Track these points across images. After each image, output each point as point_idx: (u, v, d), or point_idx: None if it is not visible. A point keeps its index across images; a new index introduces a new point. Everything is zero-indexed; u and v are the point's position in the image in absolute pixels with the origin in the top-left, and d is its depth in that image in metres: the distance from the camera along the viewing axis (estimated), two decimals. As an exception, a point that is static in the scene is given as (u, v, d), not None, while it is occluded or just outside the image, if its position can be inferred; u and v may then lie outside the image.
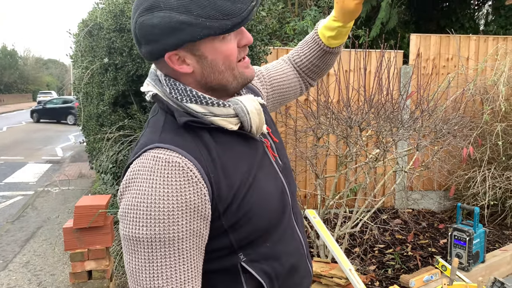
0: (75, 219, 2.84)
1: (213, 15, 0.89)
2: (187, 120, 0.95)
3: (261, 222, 0.99)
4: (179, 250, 0.88)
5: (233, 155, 0.98)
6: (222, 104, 0.98)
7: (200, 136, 0.96)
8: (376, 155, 3.48)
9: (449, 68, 5.11)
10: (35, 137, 16.03)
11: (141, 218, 0.87)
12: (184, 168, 0.89)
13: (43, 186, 7.99)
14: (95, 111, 4.77)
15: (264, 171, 1.04)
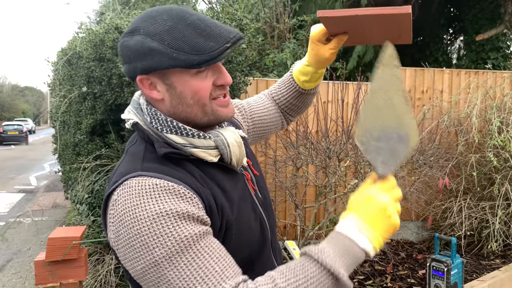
0: (48, 252, 2.74)
1: (182, 48, 0.91)
2: (167, 151, 0.95)
3: (242, 254, 0.98)
4: (199, 251, 0.86)
5: (214, 184, 0.98)
6: (202, 136, 0.98)
7: (183, 165, 0.96)
8: (354, 185, 3.50)
9: (424, 100, 5.25)
10: (8, 165, 15.62)
11: (149, 243, 0.84)
12: (173, 188, 0.88)
13: (15, 216, 7.72)
14: (72, 140, 4.69)
15: (246, 203, 1.04)
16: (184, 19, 0.93)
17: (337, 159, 3.34)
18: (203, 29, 0.93)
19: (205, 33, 0.93)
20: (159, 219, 0.84)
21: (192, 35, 0.92)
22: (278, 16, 6.41)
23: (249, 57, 3.90)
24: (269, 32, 6.55)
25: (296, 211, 3.59)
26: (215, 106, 1.00)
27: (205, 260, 0.86)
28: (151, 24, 0.93)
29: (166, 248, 0.83)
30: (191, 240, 0.85)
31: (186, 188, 0.89)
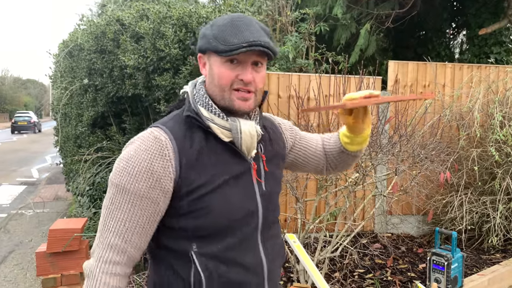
0: (49, 243, 2.76)
1: (217, 38, 1.15)
2: (189, 114, 1.19)
3: (216, 222, 1.16)
4: (133, 204, 1.11)
5: (214, 158, 1.18)
6: (222, 116, 1.18)
7: (194, 131, 1.19)
8: (355, 179, 3.50)
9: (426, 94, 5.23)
10: (10, 158, 15.66)
11: (119, 169, 1.12)
12: (162, 143, 1.13)
13: (16, 208, 7.76)
14: (73, 132, 4.70)
15: (238, 184, 1.20)
16: (232, 20, 1.17)
17: (338, 153, 3.34)
18: (237, 29, 1.14)
19: (236, 32, 1.13)
20: (134, 162, 1.12)
21: (227, 31, 1.14)
22: (280, 9, 6.38)
23: (251, 50, 3.88)
24: (271, 25, 6.52)
25: (297, 204, 3.60)
26: (233, 95, 1.19)
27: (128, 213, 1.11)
28: (216, 19, 1.20)
29: (120, 181, 1.12)
30: (135, 193, 1.10)
31: (171, 148, 1.13)
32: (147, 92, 3.59)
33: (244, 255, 1.19)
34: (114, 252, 1.11)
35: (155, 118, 3.81)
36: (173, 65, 3.41)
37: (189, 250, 1.15)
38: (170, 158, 1.12)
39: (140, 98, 3.79)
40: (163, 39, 3.30)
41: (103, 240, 1.12)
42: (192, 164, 1.14)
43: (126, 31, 3.61)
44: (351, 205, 3.92)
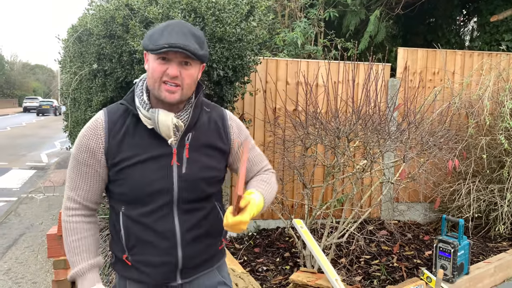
0: (60, 226, 2.80)
1: (151, 38, 1.38)
2: (121, 102, 1.47)
3: (133, 192, 1.43)
4: (79, 168, 1.46)
5: (138, 140, 1.44)
6: (145, 108, 1.44)
7: (127, 115, 1.47)
8: (363, 166, 3.51)
9: (435, 81, 5.20)
10: (19, 143, 15.81)
11: (75, 143, 1.49)
12: (98, 124, 1.45)
13: (27, 192, 7.86)
14: (83, 117, 4.73)
15: (156, 163, 1.44)
16: (167, 25, 1.40)
17: (346, 139, 3.34)
18: (166, 32, 1.36)
19: (164, 35, 1.36)
20: (80, 140, 1.47)
21: (158, 33, 1.37)
22: (289, -5, 6.32)
23: (260, 35, 3.87)
24: (280, 10, 6.48)
25: (304, 190, 3.62)
26: (161, 87, 1.40)
27: (76, 174, 1.46)
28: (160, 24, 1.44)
29: (74, 152, 1.48)
30: (80, 161, 1.45)
31: (103, 128, 1.44)
32: (156, 77, 3.61)
33: (155, 222, 1.45)
34: (71, 202, 1.48)
35: (163, 103, 3.84)
36: (182, 51, 3.41)
37: (120, 210, 1.48)
38: (101, 136, 1.44)
39: (149, 84, 3.81)
40: (172, 24, 3.30)
41: (65, 194, 1.50)
42: (117, 142, 1.44)
43: (135, 16, 3.61)
44: (359, 192, 3.93)
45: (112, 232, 1.54)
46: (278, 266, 3.84)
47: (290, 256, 4.05)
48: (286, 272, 3.71)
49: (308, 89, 3.68)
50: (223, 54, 3.46)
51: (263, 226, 4.84)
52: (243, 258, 3.98)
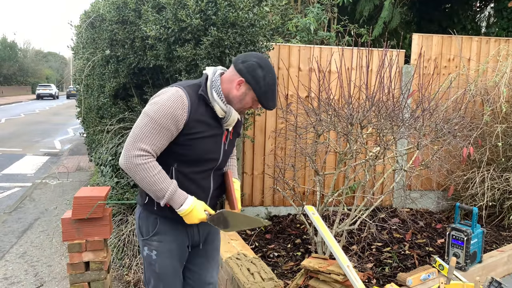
0: (74, 210, 2.83)
1: (265, 96, 1.88)
2: (202, 94, 1.88)
3: (193, 156, 1.89)
4: (158, 129, 1.79)
5: (207, 121, 1.89)
6: (225, 104, 1.90)
7: (200, 102, 1.88)
8: (376, 153, 3.48)
9: (450, 68, 5.11)
10: (33, 130, 15.99)
11: (155, 108, 1.79)
12: (184, 100, 1.82)
13: (41, 178, 7.97)
14: (96, 103, 4.76)
15: (213, 139, 1.94)
16: (272, 85, 1.90)
17: (359, 126, 3.31)
18: (273, 96, 1.91)
19: (272, 99, 1.91)
20: (165, 107, 1.79)
21: (270, 95, 1.90)
22: (302, -20, 6.25)
23: (272, 21, 3.83)
24: (293, -4, 6.41)
25: (316, 177, 3.60)
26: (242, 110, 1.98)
27: (154, 133, 1.79)
28: (267, 71, 1.87)
29: (154, 115, 1.79)
30: (160, 123, 1.78)
31: (187, 104, 1.82)
32: (168, 63, 3.59)
33: (202, 179, 1.97)
34: (143, 151, 1.80)
35: (176, 89, 3.84)
36: (194, 36, 3.39)
37: (172, 166, 1.91)
38: (186, 111, 1.81)
39: (161, 70, 3.80)
40: (185, 9, 3.28)
41: (134, 146, 1.79)
42: (194, 119, 1.84)
43: (147, 1, 3.59)
44: (371, 179, 3.91)
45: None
46: (290, 252, 3.86)
47: (301, 243, 4.06)
48: (297, 258, 3.72)
49: (321, 75, 3.64)
50: (236, 39, 3.44)
51: (274, 212, 4.85)
52: (254, 244, 4.00)
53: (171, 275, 2.02)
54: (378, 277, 3.39)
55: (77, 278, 2.89)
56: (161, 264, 2.00)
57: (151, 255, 2.01)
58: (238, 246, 3.19)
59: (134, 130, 1.82)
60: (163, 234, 1.98)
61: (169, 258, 2.00)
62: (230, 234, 3.45)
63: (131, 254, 3.75)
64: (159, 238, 1.99)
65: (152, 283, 2.06)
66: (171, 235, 1.98)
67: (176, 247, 2.00)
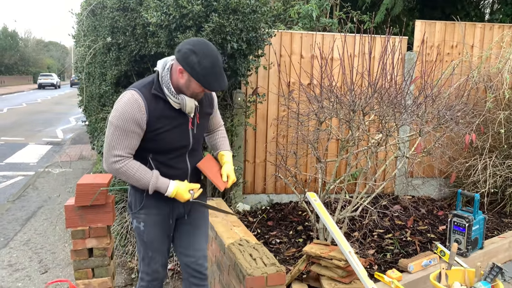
0: (77, 197, 2.84)
1: (204, 79, 1.94)
2: (155, 92, 2.02)
3: (164, 147, 2.10)
4: (127, 135, 1.99)
5: (168, 115, 2.05)
6: (175, 97, 2.03)
7: (157, 99, 2.03)
8: (378, 140, 3.48)
9: (453, 55, 5.08)
10: (35, 119, 16.01)
11: (117, 116, 1.97)
12: (140, 103, 1.97)
13: (43, 167, 8.01)
14: (97, 91, 4.75)
15: (178, 129, 2.11)
16: (213, 67, 1.95)
17: (361, 113, 3.31)
18: (216, 77, 1.96)
19: (216, 80, 1.96)
20: (123, 112, 1.96)
21: (211, 77, 1.96)
22: (304, -34, 6.19)
23: (274, 7, 3.81)
24: (295, -18, 6.35)
25: (318, 164, 3.61)
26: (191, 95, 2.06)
27: (122, 139, 1.99)
28: (200, 54, 1.93)
29: (117, 122, 1.97)
30: (125, 129, 1.97)
31: (144, 105, 1.98)
32: (169, 50, 3.58)
33: (177, 163, 2.17)
34: (117, 157, 2.02)
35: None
36: (196, 22, 3.37)
37: (148, 157, 2.12)
38: (144, 112, 1.98)
39: (163, 57, 3.78)
40: (186, -5, 3.26)
41: (107, 154, 2.03)
42: (154, 117, 2.01)
43: (148, -12, 3.57)
44: (373, 166, 3.91)
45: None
46: (291, 239, 3.88)
47: (303, 230, 4.08)
48: (299, 245, 3.74)
49: (323, 62, 3.62)
50: (237, 26, 3.42)
51: (276, 200, 4.87)
52: (256, 231, 4.02)
53: (157, 243, 2.27)
54: (380, 263, 3.41)
55: (81, 264, 2.92)
56: (148, 234, 2.25)
57: (139, 226, 2.27)
58: (240, 232, 3.20)
59: (106, 139, 2.03)
60: (149, 208, 2.21)
61: (154, 228, 2.24)
62: (233, 221, 3.47)
63: (134, 241, 3.77)
64: (145, 212, 2.22)
65: (142, 251, 2.33)
66: (156, 209, 2.20)
67: (160, 219, 2.23)
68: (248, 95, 4.41)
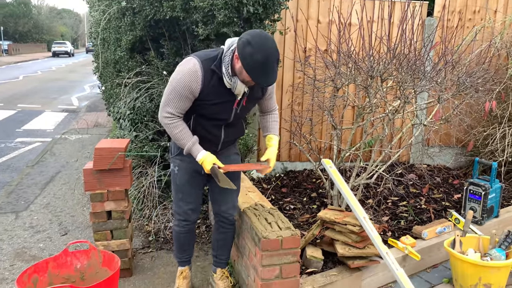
0: (95, 161, 2.89)
1: (253, 72, 2.09)
2: (213, 68, 2.23)
3: (207, 114, 2.38)
4: (179, 97, 2.26)
5: (219, 90, 2.27)
6: (229, 78, 2.23)
7: (213, 74, 2.24)
8: (396, 107, 3.43)
9: (475, 21, 4.93)
10: (50, 87, 16.13)
11: (176, 80, 2.24)
12: (198, 74, 2.20)
13: (60, 133, 8.12)
14: (112, 57, 4.74)
15: (223, 105, 2.34)
16: (265, 63, 2.08)
17: (379, 79, 3.25)
18: (266, 73, 2.10)
19: (265, 76, 2.10)
20: (182, 78, 2.22)
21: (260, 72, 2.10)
22: None
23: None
24: None
25: (334, 131, 3.59)
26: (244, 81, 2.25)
27: (175, 99, 2.27)
28: (255, 47, 2.06)
29: (175, 84, 2.25)
30: (180, 92, 2.24)
31: (201, 75, 2.21)
32: (184, 14, 3.53)
33: (213, 129, 2.45)
34: (169, 114, 2.30)
35: (192, 42, 3.77)
36: (211, -14, 3.31)
37: (192, 115, 2.40)
38: (199, 83, 2.21)
39: (178, 21, 3.73)
40: (201, -43, 3.19)
41: (162, 110, 2.31)
42: (207, 89, 2.24)
43: (162, -51, 3.49)
44: (389, 133, 3.88)
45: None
46: (305, 205, 3.91)
47: (317, 196, 4.11)
48: (313, 211, 3.77)
49: (341, 27, 3.54)
50: (254, -11, 3.35)
51: (290, 168, 4.88)
52: (270, 197, 4.06)
53: (187, 187, 2.58)
54: (394, 229, 3.43)
55: (100, 226, 2.99)
56: (180, 178, 2.57)
57: (174, 169, 2.60)
58: (255, 197, 3.24)
59: (164, 94, 2.30)
60: (183, 156, 2.49)
61: (186, 174, 2.55)
62: (248, 187, 3.50)
63: (151, 205, 3.84)
64: (180, 158, 2.53)
65: (174, 193, 2.66)
66: (189, 157, 2.46)
67: (192, 167, 2.51)
68: (264, 62, 4.35)
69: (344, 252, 2.77)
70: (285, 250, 2.40)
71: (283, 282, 2.44)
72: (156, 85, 3.98)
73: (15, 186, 5.08)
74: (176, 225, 2.72)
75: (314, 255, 2.83)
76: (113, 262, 2.62)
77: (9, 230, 3.86)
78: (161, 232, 3.65)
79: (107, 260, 2.67)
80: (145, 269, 3.19)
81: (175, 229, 2.74)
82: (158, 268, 3.20)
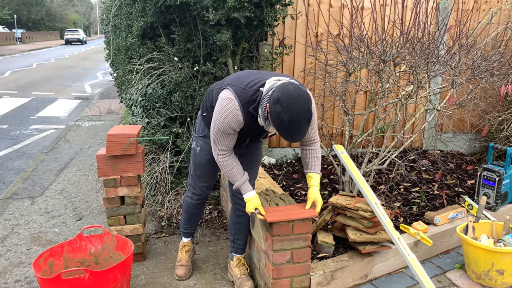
0: (108, 147, 2.91)
1: (281, 129, 2.08)
2: (250, 111, 2.26)
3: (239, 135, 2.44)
4: (225, 136, 2.31)
5: (257, 126, 2.33)
6: (263, 121, 2.26)
7: (253, 116, 2.29)
8: (409, 91, 3.39)
9: (491, 3, 4.82)
10: (63, 74, 16.25)
11: (220, 121, 2.27)
12: (239, 117, 2.25)
13: (74, 120, 8.20)
14: (124, 44, 4.75)
15: (256, 131, 2.40)
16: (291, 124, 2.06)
17: (392, 64, 3.21)
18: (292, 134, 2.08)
19: (290, 136, 2.09)
20: (225, 120, 2.25)
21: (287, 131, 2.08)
22: None
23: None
24: None
25: (346, 116, 3.56)
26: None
27: (224, 139, 2.33)
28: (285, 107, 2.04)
29: (219, 126, 2.28)
30: (226, 132, 2.29)
31: (241, 117, 2.25)
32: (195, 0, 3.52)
33: (242, 136, 2.47)
34: (221, 151, 2.37)
35: (203, 28, 3.76)
36: (222, -30, 3.28)
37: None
38: (241, 124, 2.28)
39: (188, 7, 3.72)
40: None
41: (215, 149, 2.38)
42: (245, 128, 2.32)
43: None
44: (402, 119, 3.84)
45: None
46: (317, 191, 3.90)
47: (328, 182, 4.10)
48: (324, 197, 3.77)
49: (354, 11, 3.49)
50: (265, -27, 3.31)
51: (303, 153, 4.87)
52: (282, 183, 4.06)
53: (205, 167, 2.72)
54: (406, 215, 3.42)
55: (113, 211, 3.03)
56: (200, 158, 2.71)
57: (196, 148, 2.74)
58: (267, 183, 3.25)
59: (211, 134, 2.38)
60: (208, 138, 2.63)
61: (206, 155, 2.68)
62: (259, 173, 3.51)
63: (164, 191, 3.88)
64: (204, 140, 2.66)
65: (192, 169, 2.80)
66: None
67: None
68: (275, 47, 4.33)
69: (355, 237, 2.77)
70: (296, 235, 2.41)
71: (294, 266, 2.45)
72: (168, 71, 3.99)
73: (30, 172, 5.17)
74: (189, 197, 2.86)
75: (325, 240, 2.84)
76: (126, 246, 2.66)
77: (25, 215, 3.94)
78: (174, 218, 3.69)
79: (121, 244, 2.71)
80: (158, 253, 3.24)
81: (187, 200, 2.89)
82: (171, 253, 3.24)
